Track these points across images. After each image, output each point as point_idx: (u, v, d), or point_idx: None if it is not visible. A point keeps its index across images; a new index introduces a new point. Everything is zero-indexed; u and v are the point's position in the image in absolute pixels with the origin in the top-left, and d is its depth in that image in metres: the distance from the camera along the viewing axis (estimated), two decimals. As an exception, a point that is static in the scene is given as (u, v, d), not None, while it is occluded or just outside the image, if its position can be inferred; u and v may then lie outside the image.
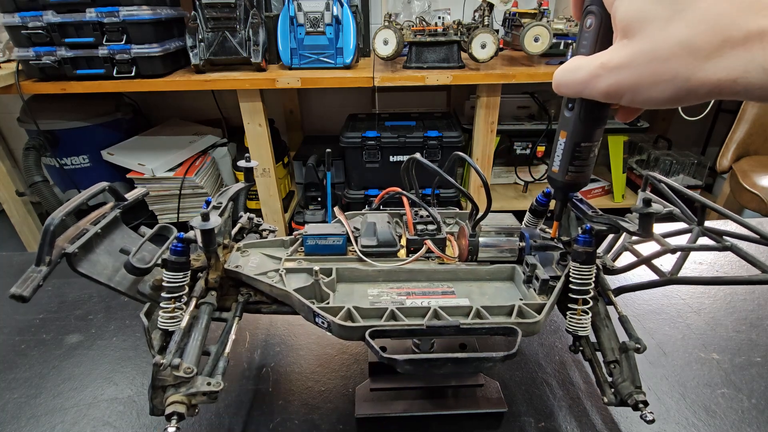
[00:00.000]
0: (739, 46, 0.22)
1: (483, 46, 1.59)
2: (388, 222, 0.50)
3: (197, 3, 1.59)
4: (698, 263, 0.76)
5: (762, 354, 0.57)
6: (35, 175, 1.74)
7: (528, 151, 2.03)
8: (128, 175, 1.83)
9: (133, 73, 1.57)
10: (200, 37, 1.61)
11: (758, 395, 0.51)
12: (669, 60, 0.24)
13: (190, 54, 1.60)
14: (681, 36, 0.23)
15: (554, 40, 1.63)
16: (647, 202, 0.38)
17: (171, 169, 1.84)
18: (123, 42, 1.53)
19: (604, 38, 0.30)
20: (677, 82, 0.24)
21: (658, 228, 0.42)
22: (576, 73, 0.28)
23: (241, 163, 0.52)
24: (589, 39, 0.30)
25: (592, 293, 0.43)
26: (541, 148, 2.01)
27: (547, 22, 1.64)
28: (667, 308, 0.65)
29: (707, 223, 0.46)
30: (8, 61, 1.72)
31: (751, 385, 0.52)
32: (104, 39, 1.52)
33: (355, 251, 0.48)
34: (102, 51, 1.54)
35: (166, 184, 1.84)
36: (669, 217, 0.44)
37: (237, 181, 1.93)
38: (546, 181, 2.20)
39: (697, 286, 0.70)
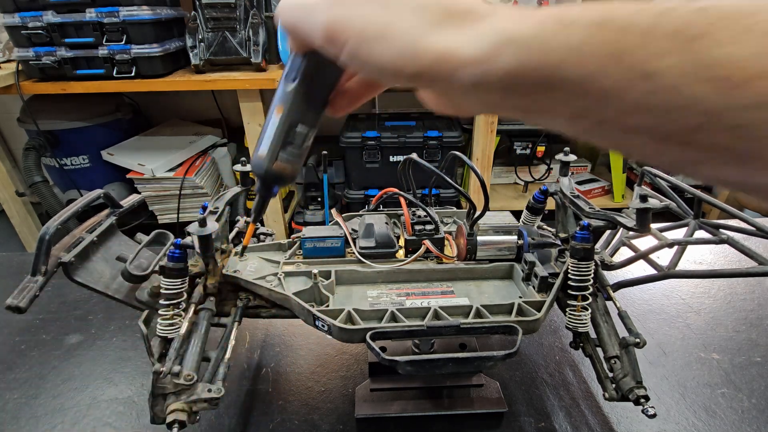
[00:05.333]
0: (457, 21, 0.21)
1: (483, 46, 1.58)
2: (386, 223, 0.50)
3: (197, 3, 1.59)
4: (697, 263, 0.76)
5: (762, 354, 0.57)
6: (35, 176, 1.74)
7: (528, 151, 2.03)
8: (128, 176, 1.82)
9: (133, 73, 1.57)
10: (200, 37, 1.60)
11: (758, 395, 0.51)
12: (402, 14, 0.22)
13: (190, 54, 1.60)
14: None
15: (554, 40, 1.62)
16: (644, 198, 0.38)
17: (171, 169, 1.84)
18: (123, 42, 1.53)
19: None
20: (405, 40, 0.22)
21: (655, 223, 0.42)
22: None
23: (237, 168, 0.52)
24: None
25: (591, 289, 0.43)
26: (541, 148, 2.01)
27: (547, 21, 1.63)
28: (667, 308, 0.65)
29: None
30: (8, 61, 1.72)
31: (751, 385, 0.52)
32: (104, 39, 1.52)
33: (354, 253, 0.48)
34: (102, 51, 1.54)
35: (166, 184, 1.84)
36: (666, 212, 0.44)
37: (237, 181, 1.93)
38: (545, 179, 2.20)
39: (697, 286, 0.70)
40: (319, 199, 1.98)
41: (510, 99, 0.21)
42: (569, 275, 0.42)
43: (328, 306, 0.42)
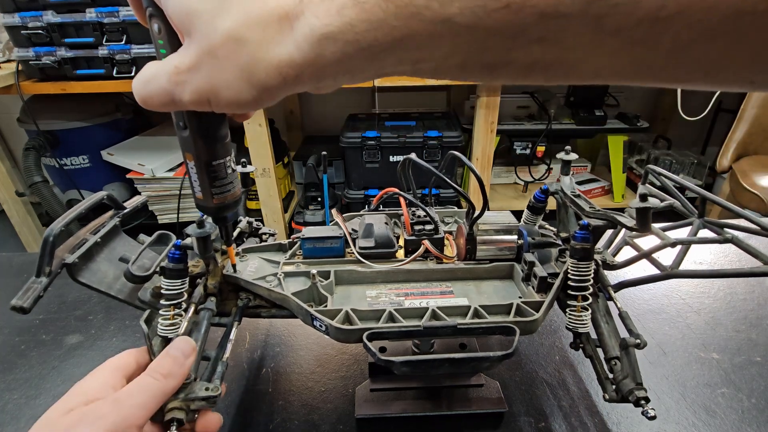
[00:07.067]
0: (275, 31, 0.21)
1: (483, 46, 1.58)
2: (386, 223, 0.50)
3: (197, 3, 1.59)
4: (697, 263, 0.76)
5: (762, 353, 0.57)
6: (35, 176, 1.74)
7: (528, 151, 2.03)
8: (128, 176, 1.83)
9: (133, 73, 1.57)
10: (200, 37, 1.61)
11: (758, 395, 0.51)
12: (229, 57, 0.22)
13: (190, 54, 1.60)
14: (229, 30, 0.21)
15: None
16: (643, 197, 0.38)
17: (171, 169, 1.84)
18: (123, 42, 1.53)
19: (177, 42, 0.25)
20: (246, 78, 0.22)
21: (659, 222, 0.42)
22: (154, 82, 0.24)
23: (237, 168, 0.52)
24: (165, 46, 0.26)
25: (590, 289, 0.43)
26: (541, 148, 2.01)
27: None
28: (667, 308, 0.65)
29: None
30: (8, 61, 1.72)
31: (751, 384, 0.52)
32: (104, 39, 1.52)
33: (354, 253, 0.48)
34: (102, 51, 1.54)
35: (166, 184, 1.84)
36: (669, 211, 0.44)
37: (237, 181, 1.92)
38: (545, 179, 2.20)
39: (697, 286, 0.70)
40: (319, 199, 1.98)
41: (348, 74, 0.22)
42: (569, 275, 0.42)
43: (326, 306, 0.42)
